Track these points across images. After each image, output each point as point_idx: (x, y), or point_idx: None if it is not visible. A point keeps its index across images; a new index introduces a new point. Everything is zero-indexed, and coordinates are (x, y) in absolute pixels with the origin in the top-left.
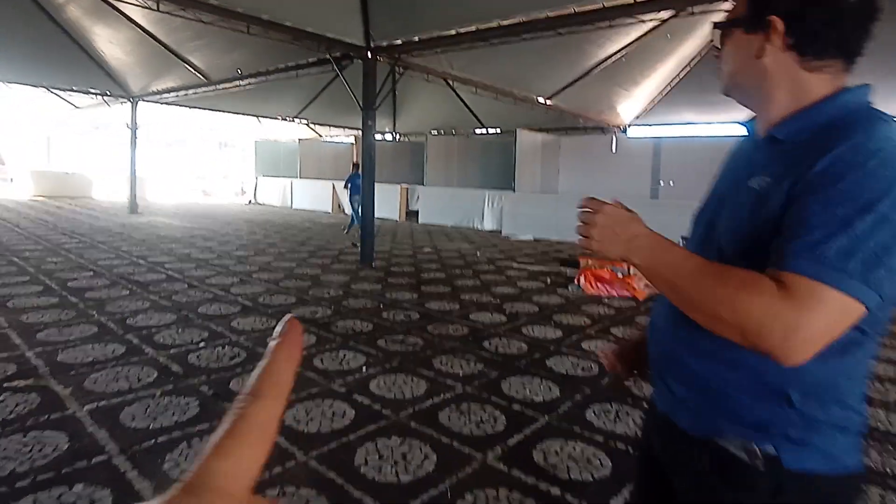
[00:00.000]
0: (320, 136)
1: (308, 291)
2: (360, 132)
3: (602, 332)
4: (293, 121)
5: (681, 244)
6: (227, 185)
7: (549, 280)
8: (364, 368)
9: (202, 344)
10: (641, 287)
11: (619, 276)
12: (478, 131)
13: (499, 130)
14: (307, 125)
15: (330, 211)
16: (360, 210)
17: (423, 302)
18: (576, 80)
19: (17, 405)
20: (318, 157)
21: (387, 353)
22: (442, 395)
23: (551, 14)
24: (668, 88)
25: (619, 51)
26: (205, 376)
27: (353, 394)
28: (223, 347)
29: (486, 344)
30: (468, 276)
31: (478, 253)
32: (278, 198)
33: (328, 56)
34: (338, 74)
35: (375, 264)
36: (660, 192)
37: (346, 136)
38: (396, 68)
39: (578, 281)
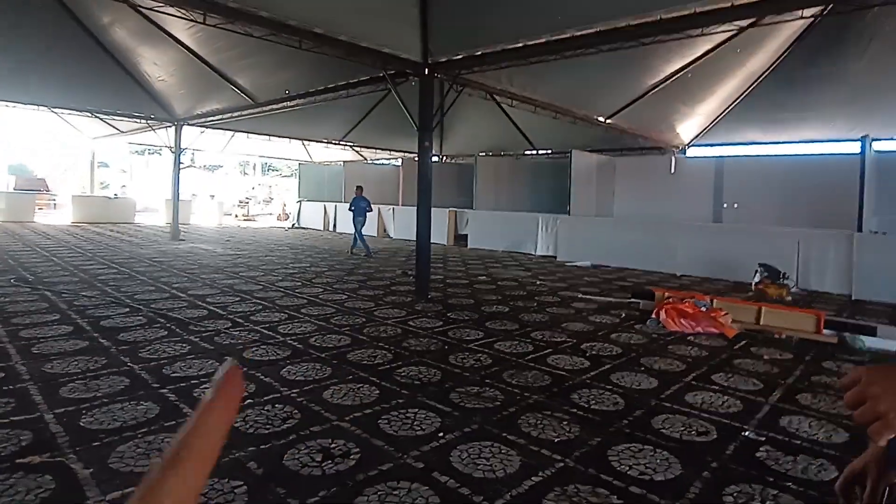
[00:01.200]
0: (365, 158)
1: (363, 330)
2: (405, 154)
3: (702, 378)
4: (338, 144)
5: (757, 272)
6: (270, 209)
7: (623, 314)
8: (441, 434)
9: (248, 401)
10: (729, 322)
11: (703, 309)
12: (527, 153)
13: (549, 151)
14: (352, 148)
15: (376, 234)
16: (361, 231)
17: (492, 341)
18: (638, 98)
19: (27, 492)
20: (362, 180)
21: (463, 410)
22: (541, 474)
23: (634, 22)
24: (732, 105)
25: (686, 66)
26: (253, 448)
27: (432, 471)
28: (273, 406)
29: (574, 397)
30: (533, 310)
31: (537, 281)
32: (320, 221)
33: (383, 73)
34: (390, 92)
35: (431, 296)
36: (723, 215)
37: (389, 159)
38: (454, 86)
39: (658, 315)
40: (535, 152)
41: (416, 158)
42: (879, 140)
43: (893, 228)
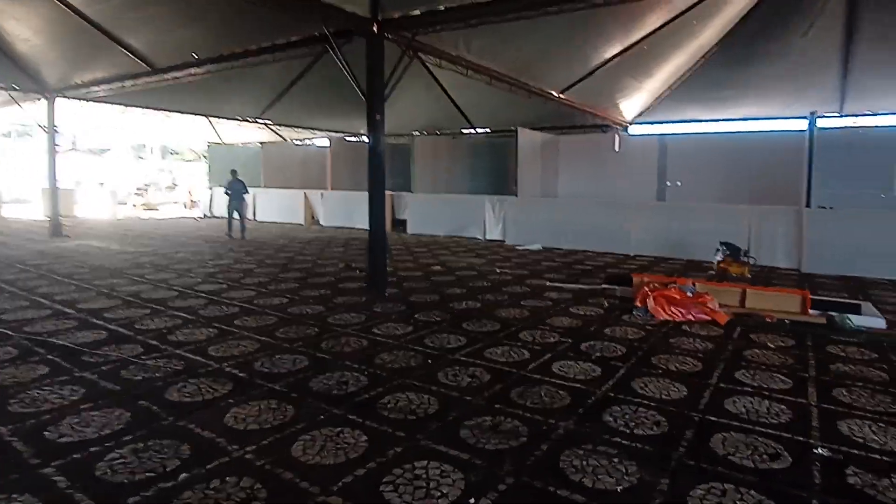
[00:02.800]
0: (285, 139)
1: (320, 344)
2: (333, 134)
3: (727, 379)
4: (256, 122)
5: (719, 251)
6: (175, 197)
7: (605, 304)
8: (472, 502)
9: (182, 476)
10: (717, 308)
11: (690, 295)
12: (465, 131)
13: (489, 130)
14: (268, 127)
15: (303, 223)
16: (233, 213)
17: (479, 348)
18: (593, 71)
19: None
20: (284, 163)
21: (484, 455)
22: None
23: None
24: (678, 82)
25: (643, 38)
26: None
27: None
28: (222, 482)
29: (608, 419)
30: (507, 304)
31: (497, 269)
32: None
33: (321, 32)
34: (317, 61)
35: (389, 293)
36: (667, 193)
37: (312, 139)
38: (407, 52)
39: (644, 303)
40: (473, 131)
41: (347, 138)
42: (823, 117)
43: (837, 203)
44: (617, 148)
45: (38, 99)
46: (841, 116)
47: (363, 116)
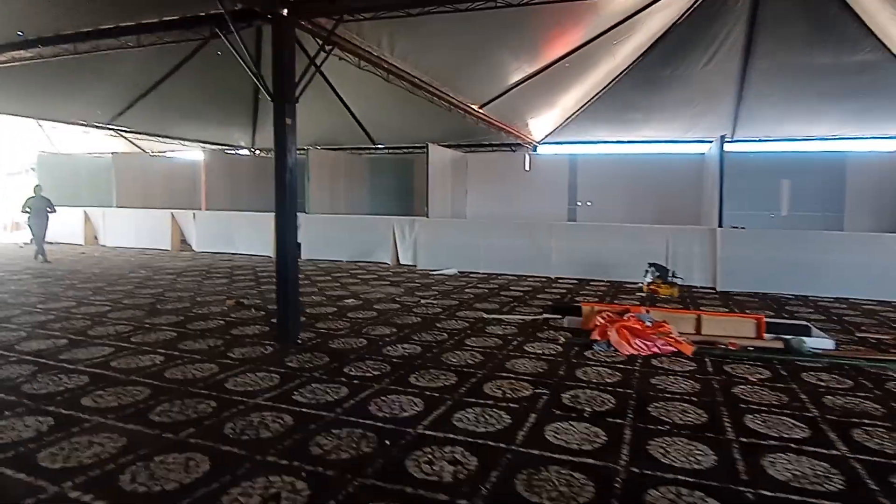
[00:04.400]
0: (143, 150)
1: (222, 430)
2: (206, 146)
3: (741, 429)
4: (107, 128)
5: (648, 272)
6: None
7: (561, 339)
8: None
9: None
10: (678, 336)
11: (648, 324)
12: (363, 147)
13: (391, 147)
14: (121, 135)
15: (170, 248)
16: (35, 231)
17: (443, 414)
18: (515, 86)
19: None
20: (143, 178)
21: None
22: None
23: None
24: (589, 103)
25: (570, 52)
26: None
27: None
28: None
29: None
30: (450, 345)
31: (421, 301)
32: (78, 234)
33: (213, 12)
34: (191, 57)
35: (303, 338)
36: (577, 213)
37: (174, 151)
38: (324, 46)
39: (603, 336)
40: (374, 147)
41: (226, 151)
42: (731, 142)
43: (743, 222)
44: (527, 167)
45: None
46: (732, 142)
47: (242, 126)
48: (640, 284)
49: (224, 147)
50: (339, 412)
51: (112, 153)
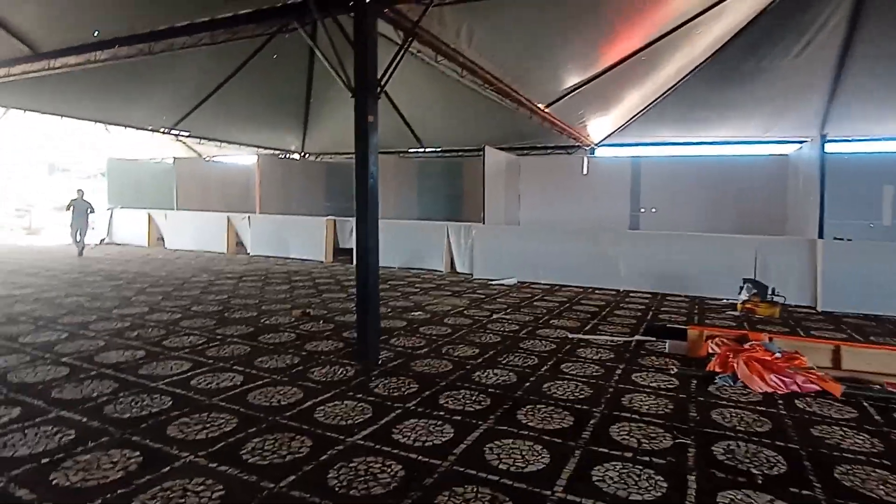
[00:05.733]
0: (200, 155)
1: (325, 476)
2: (261, 150)
3: None
4: (171, 133)
5: (743, 289)
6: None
7: (672, 369)
8: None
9: None
10: (817, 370)
11: (777, 355)
12: (412, 151)
13: (440, 149)
14: (178, 139)
15: (226, 251)
16: (76, 232)
17: (576, 469)
18: (589, 81)
19: None
20: (202, 182)
21: None
22: None
23: None
24: (659, 100)
25: (648, 45)
26: None
27: None
28: None
29: None
30: (547, 373)
31: (493, 315)
32: (143, 235)
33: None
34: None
35: (383, 357)
36: (640, 221)
37: (228, 155)
38: (408, 39)
39: (726, 368)
40: (422, 150)
41: (280, 154)
42: (831, 141)
43: (838, 232)
44: (585, 171)
45: None
46: (829, 142)
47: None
48: (726, 300)
49: (276, 151)
50: (452, 460)
51: (174, 158)
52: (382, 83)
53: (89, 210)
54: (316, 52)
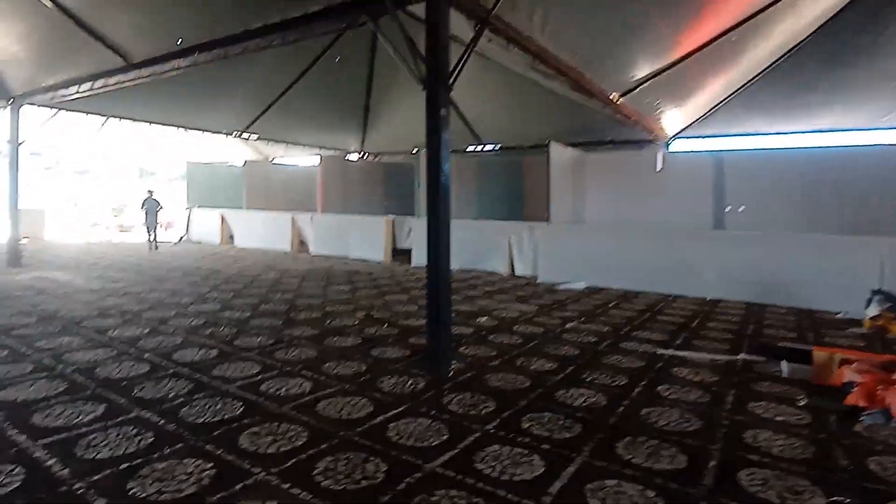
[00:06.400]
0: (267, 157)
1: None
2: (323, 151)
3: None
4: (242, 136)
5: (872, 301)
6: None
7: (800, 400)
8: None
9: None
10: None
11: None
12: (471, 148)
13: (499, 146)
14: (247, 140)
15: (289, 249)
16: (149, 225)
17: None
18: (671, 66)
19: None
20: (267, 183)
21: None
22: None
23: None
24: (747, 85)
25: (742, 21)
26: None
27: None
28: None
29: None
30: (641, 396)
31: (567, 325)
32: (216, 233)
33: None
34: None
35: (454, 368)
36: (725, 221)
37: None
38: (482, 28)
39: (875, 403)
40: (480, 147)
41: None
42: None
43: None
44: (659, 167)
45: (2, 106)
46: None
47: (352, 130)
48: (844, 314)
49: (337, 151)
50: (544, 501)
51: (244, 161)
52: (454, 75)
53: (159, 208)
54: (385, 47)
